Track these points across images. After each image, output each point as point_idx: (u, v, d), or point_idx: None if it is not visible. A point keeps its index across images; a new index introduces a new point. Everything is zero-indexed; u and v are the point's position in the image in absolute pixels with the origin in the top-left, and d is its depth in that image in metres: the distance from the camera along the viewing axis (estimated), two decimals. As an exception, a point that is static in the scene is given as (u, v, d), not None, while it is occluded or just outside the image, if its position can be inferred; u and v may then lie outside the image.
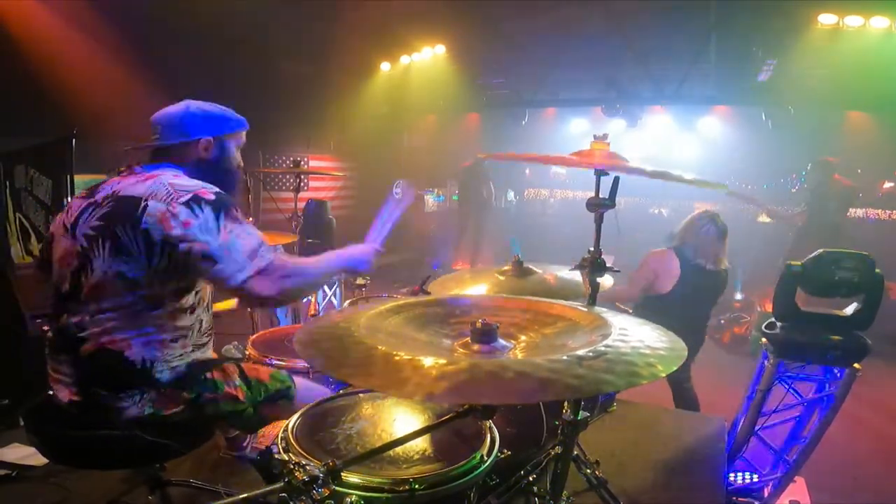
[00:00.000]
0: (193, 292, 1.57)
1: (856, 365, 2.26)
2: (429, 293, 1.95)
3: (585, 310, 1.38)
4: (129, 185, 1.51)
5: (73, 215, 1.52)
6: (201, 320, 1.62)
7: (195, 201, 1.46)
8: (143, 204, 1.45)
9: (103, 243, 1.45)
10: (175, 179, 1.53)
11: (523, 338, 1.30)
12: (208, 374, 1.60)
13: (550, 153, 1.85)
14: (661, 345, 1.14)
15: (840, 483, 2.91)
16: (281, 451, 1.27)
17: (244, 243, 1.47)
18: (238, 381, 1.65)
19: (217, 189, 1.55)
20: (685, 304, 2.94)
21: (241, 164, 1.80)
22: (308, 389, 1.79)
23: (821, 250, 2.23)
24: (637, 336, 1.17)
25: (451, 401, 1.21)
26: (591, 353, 1.05)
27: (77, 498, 2.18)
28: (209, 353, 1.70)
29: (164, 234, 1.43)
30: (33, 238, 3.32)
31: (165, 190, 1.47)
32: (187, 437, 1.58)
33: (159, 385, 1.50)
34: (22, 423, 1.55)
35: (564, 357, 1.03)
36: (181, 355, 1.56)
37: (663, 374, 1.00)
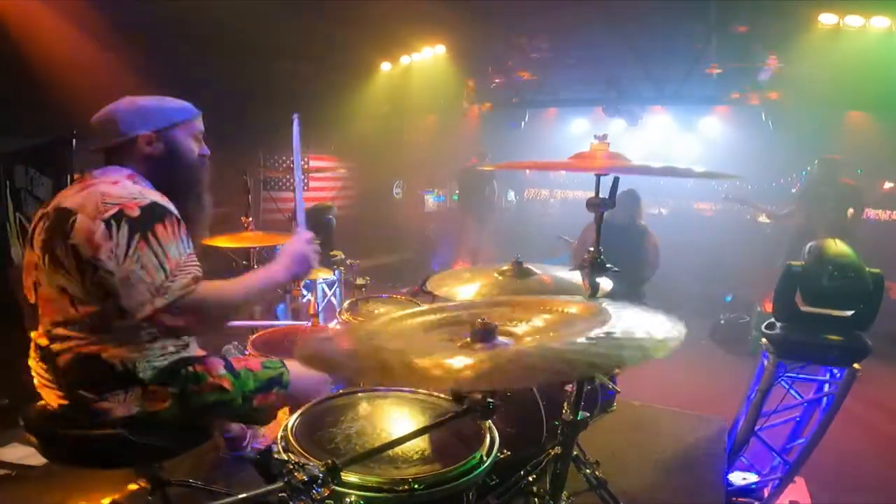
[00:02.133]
0: None
1: (856, 365, 2.26)
2: (429, 293, 1.95)
3: (584, 304, 1.38)
4: (72, 194, 1.46)
5: (33, 225, 1.51)
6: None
7: (116, 218, 1.38)
8: (72, 218, 1.39)
9: (45, 257, 1.44)
10: (111, 188, 1.44)
11: (526, 338, 1.30)
12: (190, 368, 1.58)
13: (551, 153, 1.85)
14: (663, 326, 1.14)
15: (840, 483, 2.91)
16: (280, 450, 1.27)
17: (148, 275, 1.36)
18: (223, 371, 1.62)
19: (151, 200, 1.45)
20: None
21: (205, 153, 1.70)
22: (303, 375, 1.76)
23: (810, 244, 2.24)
24: (636, 320, 1.16)
25: (478, 387, 1.18)
26: (602, 335, 1.05)
27: (76, 497, 2.18)
28: (193, 352, 1.69)
29: (88, 254, 1.37)
30: (33, 238, 3.32)
31: (94, 202, 1.40)
32: (182, 436, 1.58)
33: (143, 383, 1.50)
34: (21, 423, 1.55)
35: (581, 340, 1.04)
36: (162, 355, 1.55)
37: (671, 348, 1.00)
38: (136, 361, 1.49)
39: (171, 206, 1.50)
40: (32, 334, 1.53)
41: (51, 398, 1.50)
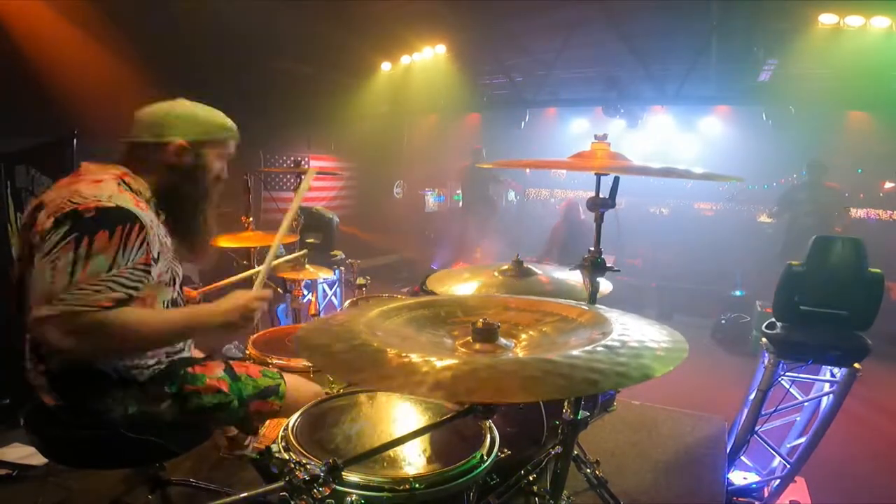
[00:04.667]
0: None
1: (856, 365, 2.27)
2: (431, 292, 1.95)
3: (584, 308, 1.38)
4: (56, 189, 1.41)
5: (25, 216, 1.44)
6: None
7: (68, 216, 1.30)
8: (38, 213, 1.35)
9: (25, 253, 1.39)
10: (88, 186, 1.38)
11: (524, 336, 1.30)
12: (189, 369, 1.59)
13: (551, 153, 1.85)
14: (664, 338, 1.15)
15: (840, 483, 2.91)
16: (281, 450, 1.27)
17: (52, 280, 1.26)
18: (221, 374, 1.62)
19: (116, 204, 1.35)
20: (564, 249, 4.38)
21: (223, 176, 1.64)
22: (300, 387, 1.78)
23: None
24: (638, 332, 1.16)
25: (473, 400, 1.18)
26: (600, 348, 1.05)
27: (77, 497, 2.18)
28: (190, 354, 1.68)
29: (35, 251, 1.32)
30: (34, 238, 3.32)
31: (62, 199, 1.34)
32: (181, 436, 1.58)
33: (139, 383, 1.49)
34: (22, 422, 1.55)
35: (577, 353, 1.04)
36: (157, 362, 1.54)
37: (671, 369, 1.01)
38: (131, 368, 1.48)
39: (141, 214, 1.40)
40: (25, 333, 1.48)
41: (46, 398, 1.49)
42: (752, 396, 2.56)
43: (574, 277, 1.92)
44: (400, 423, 1.45)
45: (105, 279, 1.30)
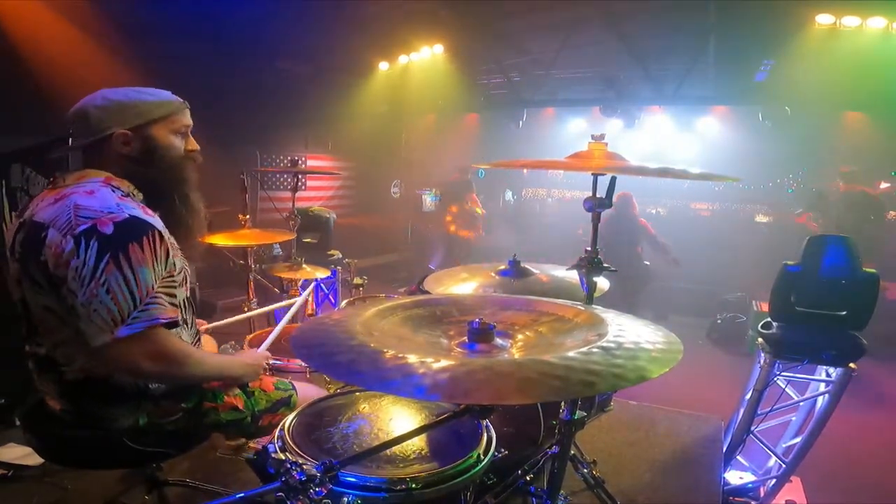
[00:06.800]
0: None
1: (851, 365, 2.27)
2: (428, 292, 1.95)
3: (580, 308, 1.38)
4: (45, 205, 1.35)
5: (11, 234, 1.40)
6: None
7: (87, 235, 1.26)
8: (43, 233, 1.29)
9: (24, 274, 1.35)
10: (86, 199, 1.32)
11: (520, 337, 1.30)
12: (206, 385, 1.57)
13: (549, 153, 1.85)
14: (658, 338, 1.15)
15: (836, 483, 2.92)
16: (278, 450, 1.27)
17: (114, 302, 1.25)
18: (237, 391, 1.63)
19: (129, 215, 1.32)
20: (608, 244, 4.19)
21: (193, 148, 1.55)
22: (312, 396, 1.76)
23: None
24: (634, 333, 1.17)
25: (471, 402, 1.17)
26: (596, 350, 1.06)
27: (73, 497, 2.18)
28: None
29: (53, 270, 1.28)
30: (30, 237, 3.31)
31: (67, 215, 1.29)
32: (182, 442, 1.58)
33: (155, 397, 1.48)
34: (18, 422, 1.54)
35: (573, 354, 1.04)
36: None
37: (666, 370, 1.01)
38: (149, 383, 1.46)
39: (153, 220, 1.39)
40: (27, 347, 1.46)
41: (53, 403, 1.48)
42: (748, 396, 2.57)
43: (571, 277, 1.93)
44: (396, 423, 1.45)
45: (157, 292, 1.33)
